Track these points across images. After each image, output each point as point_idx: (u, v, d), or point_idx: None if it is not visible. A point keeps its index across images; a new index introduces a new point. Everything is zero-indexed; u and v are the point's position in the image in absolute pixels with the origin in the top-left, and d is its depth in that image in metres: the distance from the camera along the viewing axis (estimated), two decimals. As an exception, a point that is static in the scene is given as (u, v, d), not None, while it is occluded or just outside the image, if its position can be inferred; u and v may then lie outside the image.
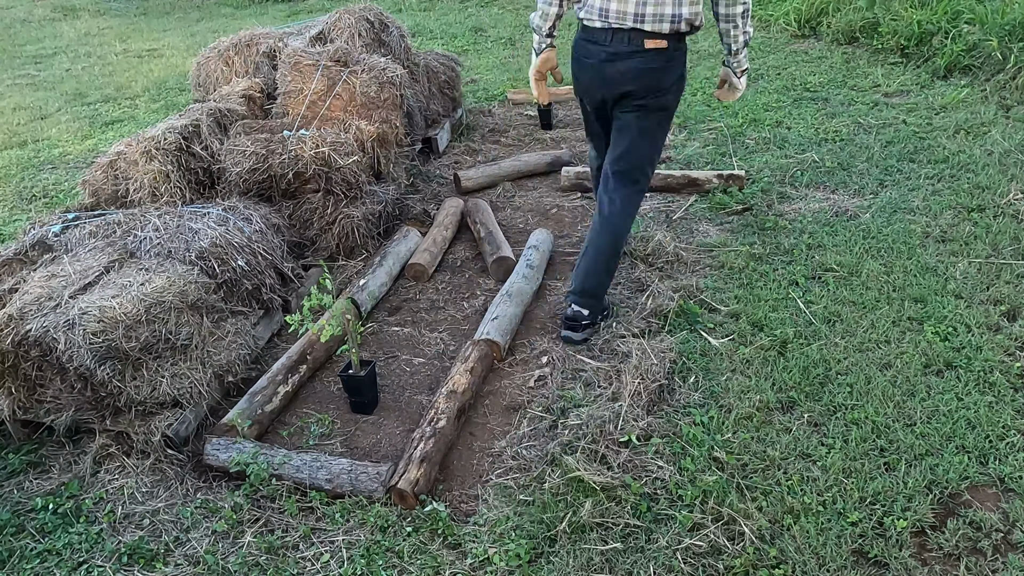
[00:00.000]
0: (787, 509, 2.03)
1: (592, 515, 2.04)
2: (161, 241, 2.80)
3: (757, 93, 5.29)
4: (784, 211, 3.64)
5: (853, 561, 1.89)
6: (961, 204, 3.50)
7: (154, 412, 2.41)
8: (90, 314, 2.32)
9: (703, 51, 6.48)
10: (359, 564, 1.98)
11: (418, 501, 2.15)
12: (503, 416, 2.53)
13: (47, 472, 2.39)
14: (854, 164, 4.04)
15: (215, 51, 4.54)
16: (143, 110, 6.20)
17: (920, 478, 2.08)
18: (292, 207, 3.53)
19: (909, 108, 4.74)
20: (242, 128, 3.70)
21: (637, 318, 2.89)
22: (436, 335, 3.02)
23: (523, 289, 3.06)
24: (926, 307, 2.81)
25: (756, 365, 2.59)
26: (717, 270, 3.20)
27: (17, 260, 2.79)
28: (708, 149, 4.43)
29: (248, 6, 10.86)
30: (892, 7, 6.01)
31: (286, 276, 3.13)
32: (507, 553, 1.96)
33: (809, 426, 2.32)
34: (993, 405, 2.33)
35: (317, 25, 4.56)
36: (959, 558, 1.88)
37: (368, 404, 2.59)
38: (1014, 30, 5.03)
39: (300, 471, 2.23)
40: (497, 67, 6.63)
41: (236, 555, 2.04)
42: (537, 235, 3.45)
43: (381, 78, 3.86)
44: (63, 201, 4.38)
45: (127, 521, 2.19)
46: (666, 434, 2.33)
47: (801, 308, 2.87)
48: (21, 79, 7.57)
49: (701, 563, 1.92)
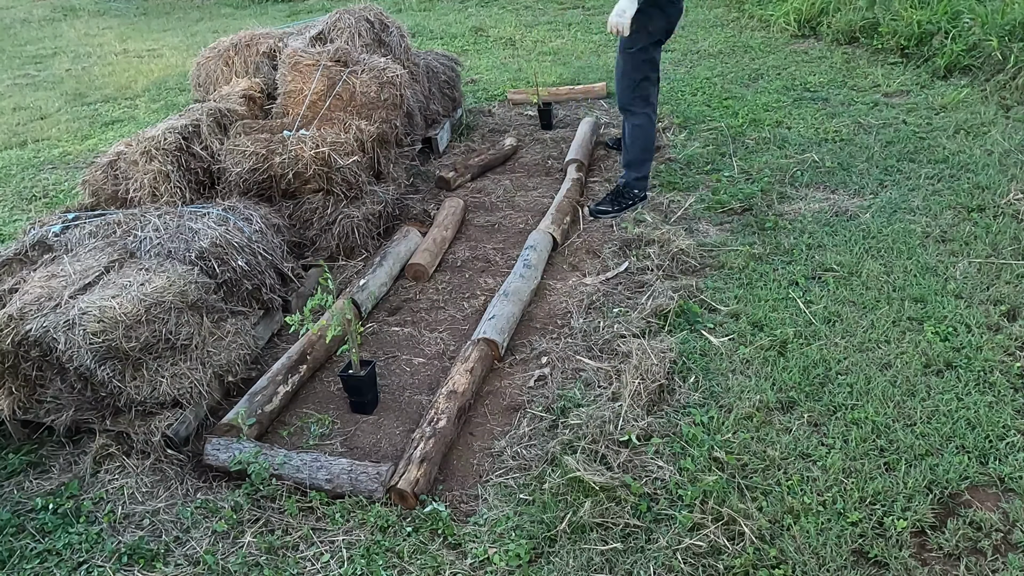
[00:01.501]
0: (787, 509, 2.03)
1: (592, 515, 2.04)
2: (161, 241, 2.80)
3: (757, 93, 5.29)
4: (784, 211, 3.64)
5: (853, 561, 1.89)
6: (961, 204, 3.50)
7: (154, 412, 2.41)
8: (90, 314, 2.32)
9: (703, 51, 6.48)
10: (359, 564, 1.98)
11: (418, 501, 2.15)
12: (503, 416, 2.53)
13: (47, 472, 2.39)
14: (854, 164, 4.04)
15: (215, 51, 4.54)
16: (143, 110, 6.20)
17: (920, 478, 2.09)
18: (292, 207, 3.53)
19: (909, 108, 4.74)
20: (242, 128, 3.70)
21: (637, 318, 2.89)
22: (436, 335, 3.02)
23: (520, 288, 3.06)
24: (926, 307, 2.81)
25: (756, 365, 2.59)
26: (717, 270, 3.20)
27: (17, 260, 2.79)
28: (708, 149, 4.43)
29: (248, 6, 10.86)
30: (892, 7, 6.01)
31: (286, 276, 3.13)
32: (507, 553, 1.96)
33: (809, 426, 2.32)
34: (993, 405, 2.33)
35: (317, 25, 4.56)
36: (959, 558, 1.88)
37: (368, 404, 2.59)
38: (1014, 30, 5.03)
39: (300, 471, 2.23)
40: (497, 67, 6.63)
41: (236, 555, 2.04)
42: (535, 236, 3.46)
43: (381, 78, 3.86)
44: (63, 201, 4.38)
45: (127, 521, 2.19)
46: (666, 434, 2.33)
47: (801, 308, 2.87)
48: (21, 79, 7.57)
49: (701, 563, 1.92)
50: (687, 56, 6.41)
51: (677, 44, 6.79)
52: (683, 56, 6.42)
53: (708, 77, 5.75)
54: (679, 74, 5.93)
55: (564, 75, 6.06)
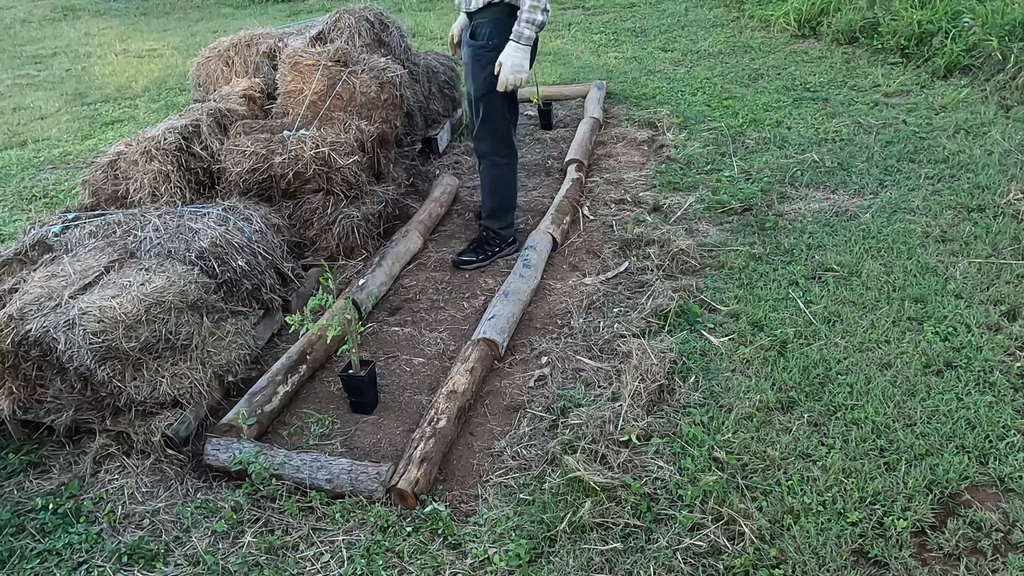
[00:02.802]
0: (787, 509, 2.03)
1: (592, 515, 2.04)
2: (161, 241, 2.79)
3: (757, 93, 5.29)
4: (784, 211, 3.64)
5: (853, 561, 1.89)
6: (961, 204, 3.50)
7: (154, 412, 2.41)
8: (90, 314, 2.32)
9: (703, 51, 6.48)
10: (359, 564, 1.98)
11: (418, 501, 2.15)
12: (503, 416, 2.53)
13: (47, 472, 2.39)
14: (854, 164, 4.04)
15: (215, 51, 4.54)
16: (143, 110, 6.20)
17: (920, 478, 2.09)
18: (292, 207, 3.53)
19: (909, 108, 4.74)
20: (242, 128, 3.70)
21: (637, 318, 2.89)
22: (436, 335, 3.02)
23: (520, 288, 3.06)
24: (926, 307, 2.81)
25: (756, 365, 2.59)
26: (717, 270, 3.20)
27: (17, 260, 2.79)
28: (708, 149, 4.43)
29: (248, 6, 10.86)
30: (892, 7, 6.01)
31: (286, 276, 3.13)
32: (507, 553, 1.97)
33: (809, 426, 2.32)
34: (993, 405, 2.33)
35: (317, 25, 4.55)
36: (959, 558, 1.88)
37: (368, 404, 2.59)
38: (1014, 30, 5.03)
39: (300, 471, 2.23)
40: (497, 67, 6.63)
41: (236, 555, 2.04)
42: (534, 236, 3.45)
43: (381, 78, 3.86)
44: (63, 201, 4.38)
45: (127, 521, 2.19)
46: (666, 434, 2.33)
47: (801, 308, 2.87)
48: (21, 79, 7.57)
49: (701, 563, 1.92)
50: (687, 56, 6.41)
51: (677, 44, 6.79)
52: (683, 56, 6.42)
53: (708, 77, 5.75)
54: (679, 74, 5.93)
55: (564, 75, 6.06)
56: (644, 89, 5.61)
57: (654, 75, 5.97)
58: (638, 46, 6.90)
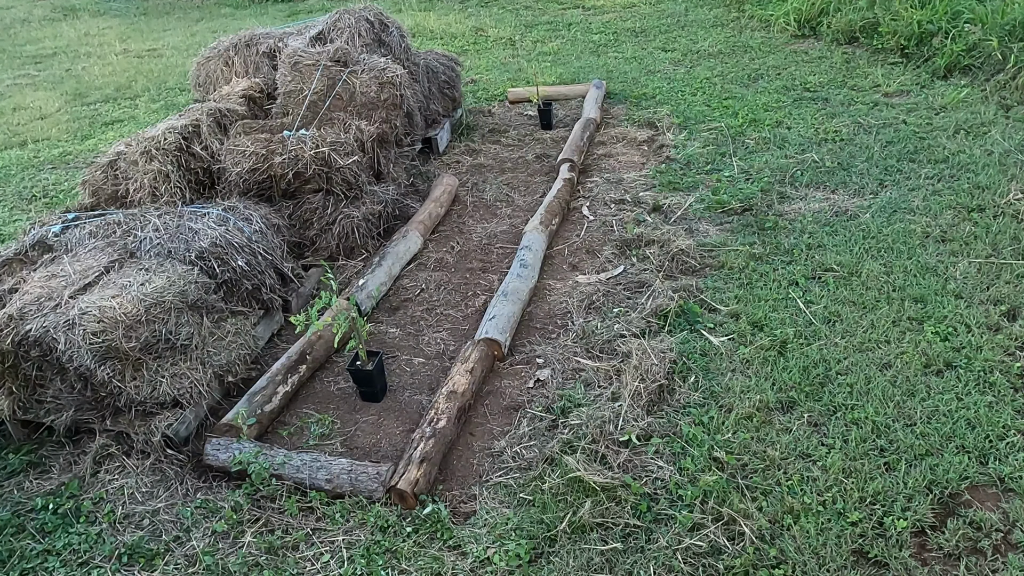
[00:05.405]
0: (787, 509, 2.03)
1: (592, 515, 2.04)
2: (161, 241, 2.79)
3: (757, 93, 5.29)
4: (784, 211, 3.64)
5: (853, 561, 1.89)
6: (961, 204, 3.49)
7: (154, 412, 2.41)
8: (90, 314, 2.32)
9: (703, 51, 6.48)
10: (359, 564, 1.98)
11: (418, 501, 2.15)
12: (503, 416, 2.53)
13: (47, 472, 2.39)
14: (854, 164, 4.04)
15: (215, 51, 4.54)
16: (143, 110, 6.20)
17: (920, 478, 2.08)
18: (292, 207, 3.53)
19: (909, 108, 4.74)
20: (242, 128, 3.70)
21: (637, 318, 2.89)
22: (436, 335, 3.02)
23: (519, 288, 3.06)
24: (926, 307, 2.81)
25: (756, 365, 2.59)
26: (717, 270, 3.20)
27: (17, 260, 2.79)
28: (708, 149, 4.42)
29: (248, 6, 10.86)
30: (892, 7, 6.01)
31: (286, 276, 3.13)
32: (507, 553, 1.96)
33: (809, 426, 2.32)
34: (993, 405, 2.33)
35: (317, 25, 4.56)
36: (959, 558, 1.88)
37: (378, 392, 2.62)
38: (1014, 30, 5.02)
39: (300, 471, 2.23)
40: (497, 67, 6.63)
41: (236, 555, 2.04)
42: (529, 236, 3.45)
43: (381, 78, 3.86)
44: (63, 201, 4.38)
45: (127, 521, 2.19)
46: (666, 434, 2.33)
47: (801, 308, 2.87)
48: (21, 79, 7.57)
49: (701, 563, 1.92)
50: (687, 56, 6.41)
51: (677, 44, 6.79)
52: (683, 56, 6.42)
53: (708, 77, 5.75)
54: (679, 74, 5.93)
55: (564, 75, 6.06)
56: (644, 89, 5.61)
57: (654, 75, 5.97)
58: (638, 46, 6.90)
